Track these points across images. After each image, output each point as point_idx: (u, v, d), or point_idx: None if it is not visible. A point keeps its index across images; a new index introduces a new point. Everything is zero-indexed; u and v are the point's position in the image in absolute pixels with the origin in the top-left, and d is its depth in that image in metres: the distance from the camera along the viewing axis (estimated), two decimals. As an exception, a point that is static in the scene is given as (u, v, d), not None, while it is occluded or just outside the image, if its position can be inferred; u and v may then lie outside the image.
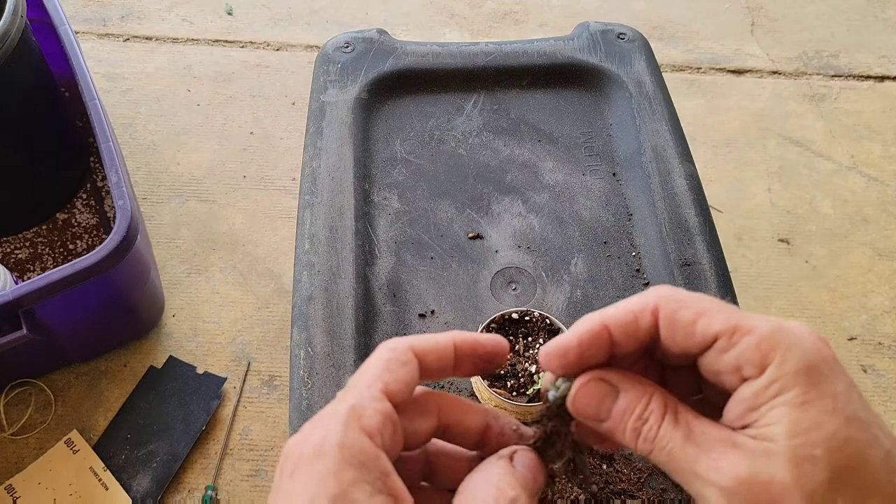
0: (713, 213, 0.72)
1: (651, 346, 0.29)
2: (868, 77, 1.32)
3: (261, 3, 1.37)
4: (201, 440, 0.84)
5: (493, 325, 0.59)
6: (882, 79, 1.32)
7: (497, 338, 0.31)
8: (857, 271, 1.05)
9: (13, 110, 0.87)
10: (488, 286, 0.67)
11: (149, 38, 1.29)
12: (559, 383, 0.29)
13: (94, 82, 0.85)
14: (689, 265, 0.66)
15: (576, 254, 0.69)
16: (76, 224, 1.01)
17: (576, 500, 0.54)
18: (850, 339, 0.99)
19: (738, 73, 1.31)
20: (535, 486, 0.28)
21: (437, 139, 0.77)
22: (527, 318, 0.60)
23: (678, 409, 0.27)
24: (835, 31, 1.40)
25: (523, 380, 0.57)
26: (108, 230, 0.89)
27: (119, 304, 0.82)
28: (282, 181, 1.10)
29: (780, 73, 1.32)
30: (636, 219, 0.72)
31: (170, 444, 0.83)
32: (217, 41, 1.30)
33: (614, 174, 0.75)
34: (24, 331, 0.68)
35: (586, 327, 0.28)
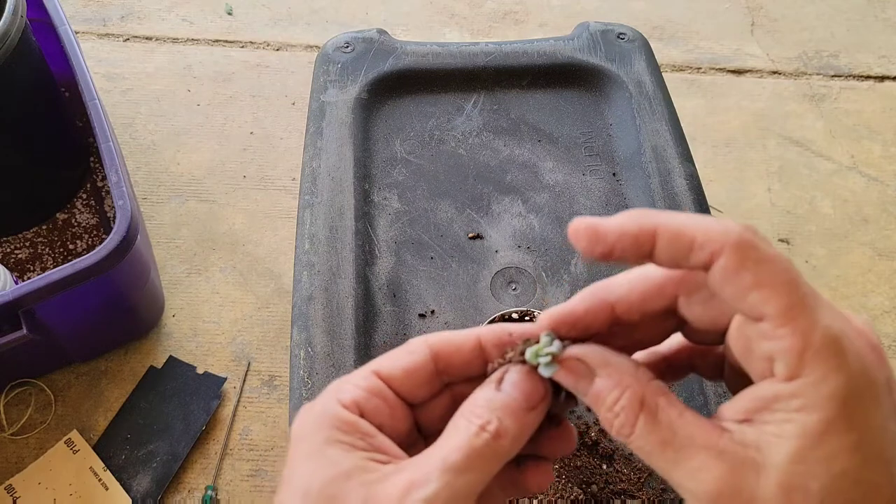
0: (713, 213, 0.72)
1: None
2: (868, 77, 1.32)
3: (261, 3, 1.37)
4: (201, 440, 0.84)
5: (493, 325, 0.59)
6: (882, 79, 1.32)
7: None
8: (857, 271, 1.05)
9: (13, 110, 0.87)
10: (488, 286, 0.67)
11: (149, 38, 1.29)
12: (551, 348, 0.27)
13: (94, 82, 0.85)
14: (689, 265, 0.66)
15: (576, 254, 0.69)
16: (76, 224, 1.01)
17: (576, 500, 0.54)
18: (850, 339, 0.99)
19: (738, 73, 1.31)
20: (525, 403, 0.27)
21: (437, 139, 0.77)
22: (527, 317, 0.60)
23: (658, 404, 0.25)
24: (835, 31, 1.39)
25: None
26: (108, 230, 0.89)
27: (119, 304, 0.82)
28: (282, 181, 1.10)
29: (780, 73, 1.32)
30: (636, 219, 0.71)
31: (170, 444, 0.83)
32: (217, 41, 1.30)
33: (614, 174, 0.76)
34: (24, 331, 0.68)
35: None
